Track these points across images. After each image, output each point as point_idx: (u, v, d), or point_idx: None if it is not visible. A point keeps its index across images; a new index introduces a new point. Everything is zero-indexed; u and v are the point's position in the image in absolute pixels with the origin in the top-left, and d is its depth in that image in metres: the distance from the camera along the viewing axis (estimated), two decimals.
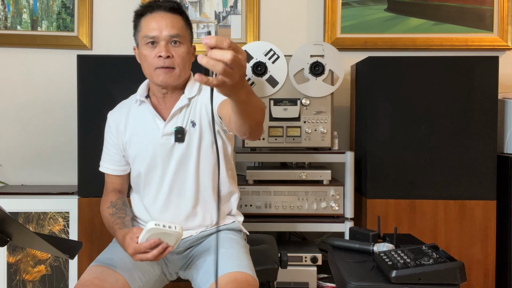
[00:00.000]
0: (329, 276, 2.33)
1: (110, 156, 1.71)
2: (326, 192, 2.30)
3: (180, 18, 1.60)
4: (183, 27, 1.60)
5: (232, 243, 1.61)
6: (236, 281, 1.41)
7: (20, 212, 2.35)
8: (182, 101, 1.61)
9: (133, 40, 1.69)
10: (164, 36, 1.55)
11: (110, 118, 1.72)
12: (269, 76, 2.35)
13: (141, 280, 1.54)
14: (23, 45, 2.77)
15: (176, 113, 1.61)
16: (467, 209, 2.25)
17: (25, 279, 2.36)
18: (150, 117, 1.63)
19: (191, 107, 1.62)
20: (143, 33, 1.57)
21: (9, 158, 2.76)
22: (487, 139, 2.23)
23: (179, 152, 1.60)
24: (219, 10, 2.76)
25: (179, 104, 1.60)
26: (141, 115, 1.66)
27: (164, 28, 1.55)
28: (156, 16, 1.56)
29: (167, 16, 1.56)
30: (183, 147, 1.60)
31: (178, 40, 1.57)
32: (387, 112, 2.26)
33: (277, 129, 2.37)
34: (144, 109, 1.65)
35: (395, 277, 1.40)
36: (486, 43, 2.73)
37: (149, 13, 1.58)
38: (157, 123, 1.62)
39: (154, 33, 1.55)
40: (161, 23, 1.55)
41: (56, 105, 2.76)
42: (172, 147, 1.60)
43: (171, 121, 1.61)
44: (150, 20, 1.57)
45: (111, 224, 1.60)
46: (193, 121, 1.61)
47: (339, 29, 2.75)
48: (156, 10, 1.57)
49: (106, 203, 1.67)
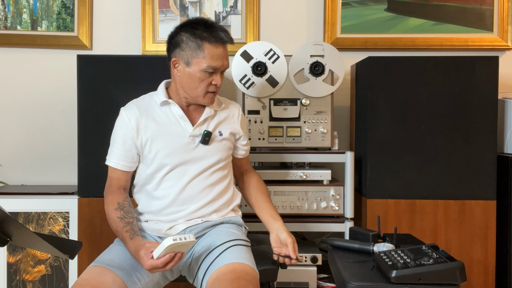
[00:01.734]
0: (329, 276, 2.33)
1: (123, 151, 1.73)
2: (326, 192, 2.30)
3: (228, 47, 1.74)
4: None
5: (233, 237, 1.65)
6: (234, 270, 1.46)
7: (20, 212, 2.35)
8: (209, 111, 1.78)
9: (132, 40, 1.70)
10: (223, 68, 1.71)
11: (126, 113, 1.73)
12: (269, 76, 2.35)
13: (140, 282, 1.55)
14: (23, 45, 2.77)
15: (203, 121, 1.76)
16: (467, 209, 2.25)
17: (25, 279, 2.36)
18: (174, 118, 1.74)
19: (217, 118, 1.80)
20: (207, 61, 1.66)
21: (9, 158, 2.76)
22: (487, 139, 2.23)
23: (202, 152, 1.74)
24: (219, 10, 2.76)
25: (208, 113, 1.77)
26: (164, 115, 1.74)
27: (224, 61, 1.71)
28: (219, 48, 1.68)
29: (225, 48, 1.71)
30: (207, 148, 1.75)
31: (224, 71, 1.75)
32: (387, 112, 2.26)
33: (277, 129, 2.37)
34: (167, 110, 1.74)
35: (395, 277, 1.40)
36: (486, 43, 2.73)
37: (214, 42, 1.67)
38: (181, 124, 1.73)
39: (218, 64, 1.68)
40: (222, 56, 1.69)
41: (56, 105, 2.76)
42: (195, 147, 1.74)
43: (200, 126, 1.75)
44: (215, 51, 1.67)
45: (120, 230, 1.62)
46: (220, 131, 1.79)
47: (339, 29, 2.75)
48: (219, 41, 1.67)
49: (113, 203, 1.67)
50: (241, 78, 2.35)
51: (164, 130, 1.72)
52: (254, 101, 2.37)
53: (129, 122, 1.71)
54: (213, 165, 1.75)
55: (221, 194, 1.77)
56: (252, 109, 2.37)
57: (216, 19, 2.75)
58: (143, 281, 1.56)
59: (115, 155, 1.73)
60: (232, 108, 1.87)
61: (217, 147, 1.77)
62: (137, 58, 2.36)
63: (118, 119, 1.76)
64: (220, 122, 1.80)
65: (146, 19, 2.73)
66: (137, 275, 1.55)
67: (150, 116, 1.73)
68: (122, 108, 1.76)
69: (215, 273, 1.48)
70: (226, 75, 1.71)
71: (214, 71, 1.68)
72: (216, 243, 1.61)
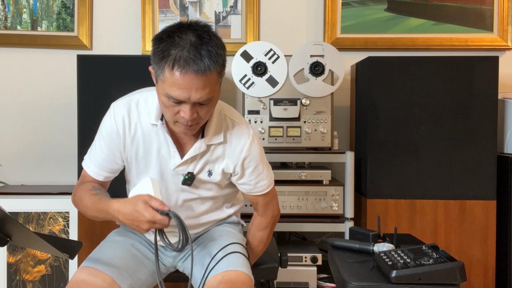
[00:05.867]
0: (329, 276, 2.33)
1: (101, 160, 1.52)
2: (326, 192, 2.30)
3: (215, 73, 1.30)
4: (216, 83, 1.33)
5: (230, 237, 1.59)
6: (230, 281, 1.40)
7: (20, 212, 2.35)
8: (200, 147, 1.46)
9: (132, 41, 1.69)
10: (192, 101, 1.29)
11: (117, 117, 1.48)
12: (269, 76, 2.35)
13: (132, 278, 1.49)
14: (23, 45, 2.77)
15: (190, 159, 1.48)
16: (467, 209, 2.25)
17: (25, 279, 2.36)
18: (164, 141, 1.47)
19: (210, 155, 1.49)
20: (165, 88, 1.29)
21: (9, 158, 2.76)
22: (487, 139, 2.23)
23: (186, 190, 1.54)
24: (219, 10, 2.76)
25: (197, 150, 1.46)
26: (154, 135, 1.48)
27: (194, 93, 1.28)
28: (185, 78, 1.25)
29: (198, 78, 1.26)
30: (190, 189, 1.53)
31: (207, 102, 1.33)
32: (387, 112, 2.26)
33: (277, 129, 2.37)
34: (158, 131, 1.47)
35: (395, 277, 1.40)
36: (486, 43, 2.73)
37: (178, 68, 1.25)
38: (170, 151, 1.47)
39: (180, 97, 1.28)
40: (190, 86, 1.26)
41: (56, 105, 2.76)
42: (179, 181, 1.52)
43: (184, 165, 1.49)
44: (177, 79, 1.26)
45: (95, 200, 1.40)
46: (210, 170, 1.51)
47: (339, 29, 2.75)
48: (186, 69, 1.24)
49: (87, 187, 1.48)
50: (241, 78, 2.35)
51: (151, 152, 1.49)
52: (254, 101, 2.37)
53: (117, 129, 1.48)
54: (199, 199, 1.56)
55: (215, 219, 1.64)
56: (252, 109, 2.37)
57: (216, 19, 2.75)
58: (134, 277, 1.51)
59: (95, 163, 1.52)
60: (236, 142, 1.50)
61: (204, 187, 1.54)
62: (137, 58, 2.36)
63: (105, 120, 1.51)
64: (212, 160, 1.50)
65: (146, 19, 2.73)
66: (128, 271, 1.50)
67: (139, 131, 1.48)
68: (112, 105, 1.52)
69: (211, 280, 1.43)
70: (226, 75, 1.42)
71: (179, 101, 1.30)
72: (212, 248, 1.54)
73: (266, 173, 1.57)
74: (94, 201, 1.42)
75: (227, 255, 1.50)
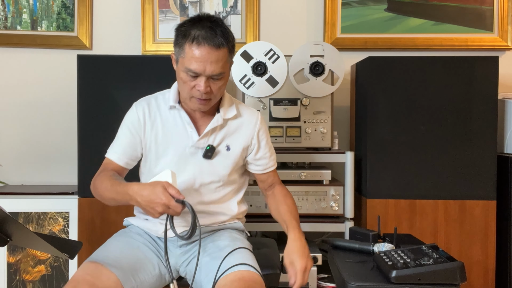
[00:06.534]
0: (329, 276, 2.33)
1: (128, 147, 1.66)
2: (326, 192, 2.30)
3: (226, 51, 1.53)
4: (227, 61, 1.55)
5: (237, 242, 1.62)
6: (243, 279, 1.42)
7: (20, 212, 2.35)
8: (217, 120, 1.64)
9: (132, 41, 1.69)
10: (206, 73, 1.51)
11: (138, 109, 1.66)
12: (269, 76, 2.35)
13: (135, 280, 1.52)
14: (23, 45, 2.77)
15: (210, 132, 1.64)
16: (467, 209, 2.25)
17: (25, 279, 2.36)
18: (181, 123, 1.64)
19: (228, 129, 1.67)
20: (185, 62, 1.51)
21: (9, 158, 2.76)
22: (487, 139, 2.23)
23: (204, 167, 1.65)
24: (219, 10, 2.77)
25: (215, 123, 1.64)
26: (172, 119, 1.65)
27: (208, 66, 1.50)
28: (202, 51, 1.49)
29: (213, 52, 1.49)
30: (209, 163, 1.65)
31: (219, 78, 1.55)
32: (387, 112, 2.26)
33: (277, 129, 2.37)
34: (175, 114, 1.65)
35: (395, 277, 1.40)
36: (486, 43, 2.73)
37: (196, 43, 1.49)
38: (188, 131, 1.64)
39: (197, 69, 1.50)
40: (206, 59, 1.49)
41: (56, 105, 2.76)
42: (198, 160, 1.65)
43: (205, 138, 1.64)
44: (195, 52, 1.49)
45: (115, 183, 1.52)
46: (228, 145, 1.67)
47: (339, 29, 2.75)
48: (203, 43, 1.48)
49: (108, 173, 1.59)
50: (241, 78, 2.35)
51: (169, 135, 1.65)
52: (254, 101, 2.37)
53: (138, 118, 1.65)
54: (214, 182, 1.66)
55: (222, 211, 1.70)
56: None
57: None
58: (138, 280, 1.53)
59: (118, 148, 1.66)
60: (248, 116, 1.70)
61: (222, 163, 1.66)
62: (137, 58, 2.36)
63: (128, 113, 1.69)
64: (229, 133, 1.67)
65: (146, 19, 2.74)
66: (133, 272, 1.52)
67: (159, 118, 1.66)
68: (134, 103, 1.70)
69: (222, 280, 1.44)
70: None
71: (196, 75, 1.51)
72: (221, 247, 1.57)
73: (273, 150, 1.78)
74: (114, 183, 1.53)
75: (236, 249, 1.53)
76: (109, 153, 1.68)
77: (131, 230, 1.71)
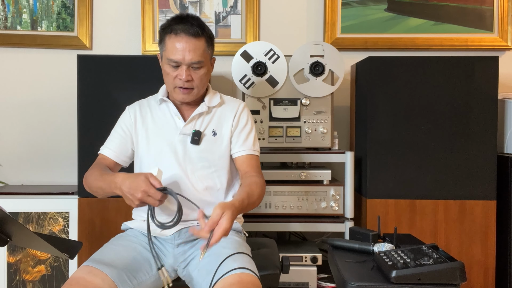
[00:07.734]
0: (329, 276, 2.33)
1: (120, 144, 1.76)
2: (326, 192, 2.31)
3: (203, 41, 1.67)
4: (205, 50, 1.68)
5: (236, 244, 1.61)
6: (241, 282, 1.41)
7: (20, 212, 2.35)
8: (202, 107, 1.74)
9: (132, 40, 1.72)
10: (186, 61, 1.64)
11: (130, 110, 1.80)
12: (269, 76, 2.35)
13: (131, 282, 1.52)
14: (23, 45, 2.77)
15: (195, 117, 1.73)
16: (467, 209, 2.25)
17: (25, 279, 2.36)
18: (170, 116, 1.75)
19: (212, 115, 1.76)
20: (167, 54, 1.66)
21: (9, 158, 2.76)
22: (487, 139, 2.23)
23: (193, 153, 1.71)
24: (219, 10, 2.76)
25: (200, 110, 1.73)
26: (161, 113, 1.77)
27: (187, 54, 1.63)
28: (181, 41, 1.63)
29: (190, 41, 1.63)
30: (197, 149, 1.71)
31: (198, 66, 1.66)
32: (387, 112, 2.26)
33: (277, 129, 2.37)
34: (164, 108, 1.77)
35: (395, 277, 1.40)
36: (486, 43, 2.74)
37: (174, 34, 1.64)
38: (176, 122, 1.73)
39: (177, 58, 1.64)
40: (184, 48, 1.63)
41: (56, 105, 2.76)
42: (186, 147, 1.71)
43: (190, 123, 1.73)
44: (175, 43, 1.64)
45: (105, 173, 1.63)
46: (214, 130, 1.74)
47: (339, 29, 2.75)
48: (181, 33, 1.63)
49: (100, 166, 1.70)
50: (241, 78, 2.35)
51: (159, 126, 1.74)
52: (254, 101, 2.37)
53: (130, 117, 1.77)
54: (205, 167, 1.71)
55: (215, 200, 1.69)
56: (252, 109, 2.36)
57: (216, 19, 2.76)
58: (135, 281, 1.54)
59: (110, 144, 1.77)
60: (232, 103, 1.81)
61: (210, 149, 1.72)
62: (137, 58, 2.36)
63: (121, 116, 1.81)
64: (215, 120, 1.75)
65: (146, 19, 2.74)
66: (129, 274, 1.53)
67: (149, 114, 1.77)
68: (127, 106, 1.82)
69: (220, 283, 1.43)
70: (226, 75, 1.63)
71: (177, 64, 1.64)
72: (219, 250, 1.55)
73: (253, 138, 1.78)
74: (103, 174, 1.64)
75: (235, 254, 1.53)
76: (102, 149, 1.78)
77: (128, 234, 1.73)
